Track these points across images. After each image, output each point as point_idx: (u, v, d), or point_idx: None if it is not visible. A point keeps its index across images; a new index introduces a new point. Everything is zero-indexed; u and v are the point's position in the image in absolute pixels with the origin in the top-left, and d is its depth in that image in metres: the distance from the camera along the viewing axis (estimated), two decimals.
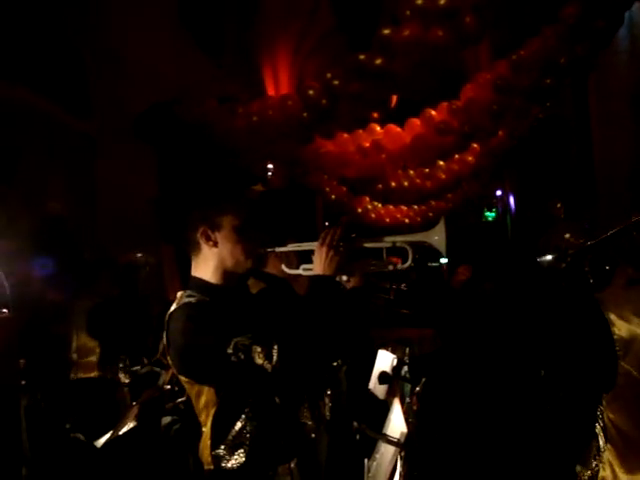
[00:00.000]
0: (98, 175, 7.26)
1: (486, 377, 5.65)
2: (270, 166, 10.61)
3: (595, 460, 1.99)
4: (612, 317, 1.82)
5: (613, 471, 1.93)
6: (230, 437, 1.88)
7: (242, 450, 1.87)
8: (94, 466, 3.12)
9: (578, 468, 2.10)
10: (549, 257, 3.36)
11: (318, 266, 1.98)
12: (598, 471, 1.97)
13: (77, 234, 5.91)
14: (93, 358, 3.41)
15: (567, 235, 3.21)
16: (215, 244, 1.95)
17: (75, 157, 7.01)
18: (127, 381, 3.50)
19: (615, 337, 1.80)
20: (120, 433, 2.92)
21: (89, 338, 3.40)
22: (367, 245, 2.05)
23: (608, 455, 1.94)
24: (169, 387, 3.28)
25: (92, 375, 3.41)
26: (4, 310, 2.57)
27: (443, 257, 1.99)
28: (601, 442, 1.97)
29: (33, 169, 6.16)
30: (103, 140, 7.34)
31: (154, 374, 3.60)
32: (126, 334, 3.42)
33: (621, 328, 1.81)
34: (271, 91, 12.05)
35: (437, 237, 1.98)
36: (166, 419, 3.31)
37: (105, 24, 7.18)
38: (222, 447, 1.88)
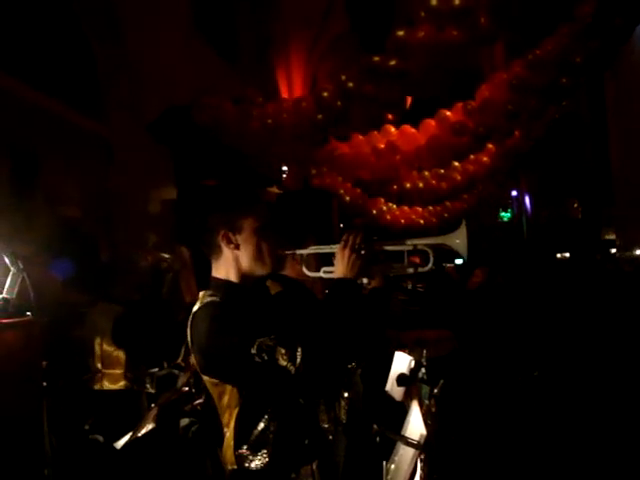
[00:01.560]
0: (114, 178, 7.32)
1: (501, 378, 5.63)
2: (285, 168, 10.65)
3: None
4: None
5: None
6: (253, 437, 1.89)
7: (265, 450, 1.88)
8: (113, 468, 3.14)
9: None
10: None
11: (340, 269, 1.98)
12: None
13: (94, 237, 5.95)
14: (119, 369, 3.39)
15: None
16: (237, 247, 1.96)
17: (91, 160, 7.08)
18: (154, 391, 3.49)
19: None
20: (139, 435, 2.95)
21: (114, 347, 3.38)
22: (388, 248, 2.05)
23: None
24: (187, 389, 3.30)
25: (119, 386, 3.39)
26: (28, 313, 2.60)
27: (460, 258, 1.98)
28: None
29: (50, 173, 6.23)
30: (119, 143, 7.40)
31: (172, 376, 3.62)
32: (152, 343, 3.40)
33: None
34: (285, 93, 12.11)
35: (459, 240, 1.97)
36: (184, 421, 3.32)
37: (121, 28, 7.25)
38: (245, 447, 1.89)
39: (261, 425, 1.89)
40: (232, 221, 1.96)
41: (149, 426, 3.03)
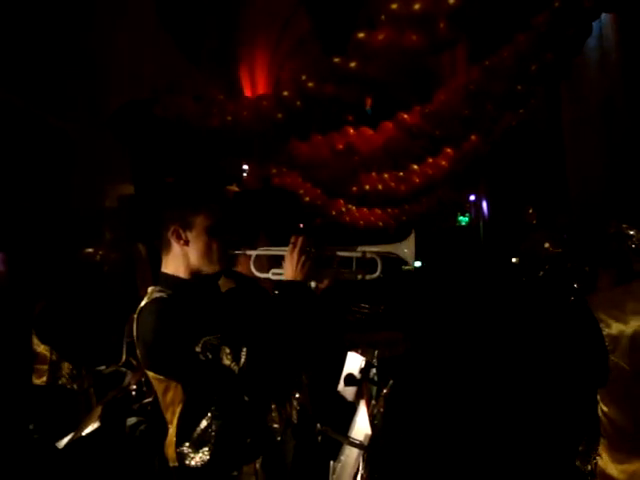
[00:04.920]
0: (75, 173, 7.21)
1: (458, 379, 5.71)
2: (245, 167, 10.59)
3: (594, 453, 2.10)
4: (601, 316, 1.96)
5: (608, 461, 2.03)
6: (195, 435, 1.88)
7: (207, 448, 1.88)
8: (57, 467, 3.08)
9: (578, 462, 2.21)
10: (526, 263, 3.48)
11: (288, 271, 2.00)
12: (597, 463, 2.07)
13: (49, 231, 5.84)
14: (44, 365, 3.31)
15: (547, 244, 3.35)
16: (186, 243, 1.96)
17: (52, 155, 6.96)
18: (81, 388, 3.40)
19: (604, 334, 1.93)
20: (83, 434, 2.89)
21: (38, 342, 3.31)
22: (337, 253, 2.07)
23: (603, 447, 2.05)
24: (135, 387, 3.25)
25: (41, 382, 3.31)
26: None
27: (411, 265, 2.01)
28: (599, 436, 2.07)
29: (9, 166, 6.10)
30: (81, 139, 7.30)
31: (119, 374, 3.56)
32: (77, 338, 3.33)
33: (610, 325, 1.94)
34: (248, 93, 12.05)
35: (406, 250, 2.01)
36: (132, 420, 3.27)
37: (85, 24, 7.15)
38: (187, 444, 1.88)
39: (204, 423, 1.89)
40: (183, 217, 1.96)
41: (94, 425, 2.97)
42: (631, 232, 2.48)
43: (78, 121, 7.27)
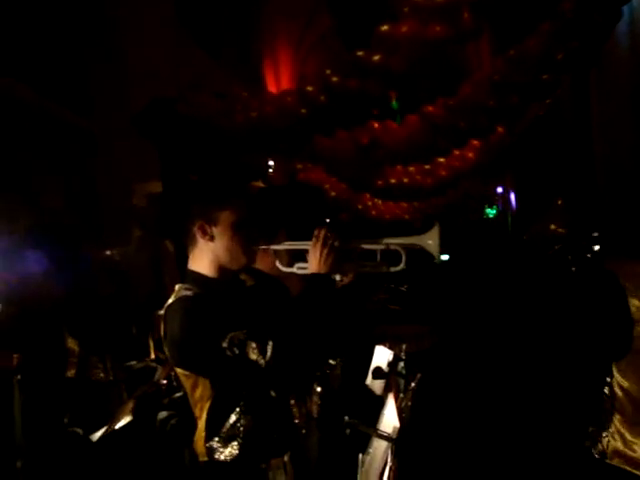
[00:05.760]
0: (99, 172, 7.32)
1: (483, 373, 5.66)
2: (271, 163, 10.61)
3: (605, 432, 2.06)
4: (627, 285, 1.95)
5: (624, 439, 2.00)
6: (224, 430, 1.91)
7: (236, 443, 1.90)
8: (90, 460, 3.14)
9: (587, 443, 2.16)
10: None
11: (313, 264, 2.00)
12: (609, 443, 2.03)
13: (76, 231, 5.93)
14: (74, 358, 3.38)
15: (552, 226, 3.32)
16: (211, 238, 1.97)
17: (76, 154, 7.06)
18: (108, 380, 3.46)
19: (631, 303, 1.93)
20: (116, 428, 2.95)
21: (69, 337, 3.38)
22: (361, 246, 2.06)
23: (617, 425, 2.01)
24: (165, 382, 3.30)
25: (70, 374, 3.38)
26: None
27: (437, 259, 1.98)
28: (611, 414, 2.04)
29: (34, 166, 6.20)
30: (105, 137, 7.39)
31: (150, 369, 3.61)
32: (105, 333, 3.39)
33: (637, 294, 1.94)
34: (272, 89, 12.05)
35: (431, 241, 1.98)
36: (162, 414, 3.31)
37: (106, 23, 7.24)
38: (216, 439, 1.91)
39: (232, 418, 1.91)
40: (208, 213, 1.97)
41: (126, 419, 3.02)
42: None
43: (104, 120, 7.37)
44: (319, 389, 2.49)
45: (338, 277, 2.10)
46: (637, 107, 10.65)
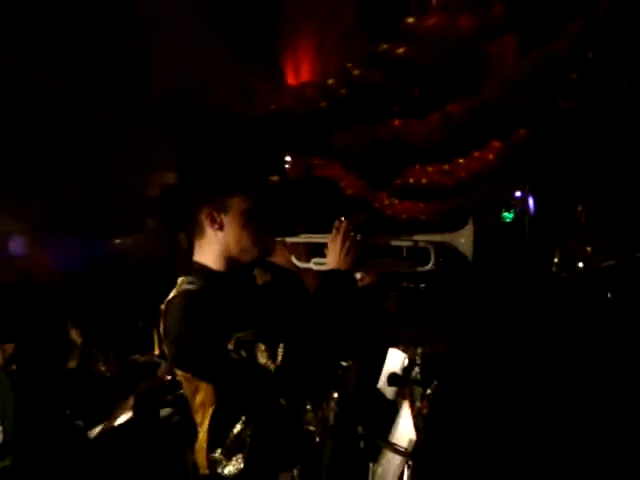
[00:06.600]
0: (120, 163, 7.39)
1: (502, 379, 5.49)
2: (288, 158, 10.53)
3: None
4: None
5: None
6: (228, 441, 1.74)
7: (241, 455, 1.73)
8: (89, 456, 3.03)
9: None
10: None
11: (332, 259, 1.81)
12: None
13: (95, 219, 5.96)
14: (77, 349, 3.31)
15: (589, 248, 3.12)
16: (220, 227, 1.79)
17: (97, 144, 7.13)
18: (109, 373, 3.39)
19: None
20: (115, 424, 2.84)
21: (72, 327, 3.30)
22: (386, 242, 1.88)
23: None
24: (169, 378, 3.19)
25: (72, 365, 3.32)
26: None
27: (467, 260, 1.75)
28: None
29: (56, 155, 6.24)
30: (125, 129, 7.47)
31: (153, 364, 3.50)
32: (108, 324, 3.32)
33: None
34: (292, 82, 11.98)
35: (464, 240, 1.77)
36: (165, 411, 3.21)
37: (130, 18, 7.34)
38: (219, 451, 1.74)
39: (237, 427, 1.74)
40: (218, 199, 1.79)
41: (126, 415, 2.92)
42: None
43: (123, 112, 7.43)
44: (336, 395, 2.33)
45: (359, 275, 1.93)
46: None
